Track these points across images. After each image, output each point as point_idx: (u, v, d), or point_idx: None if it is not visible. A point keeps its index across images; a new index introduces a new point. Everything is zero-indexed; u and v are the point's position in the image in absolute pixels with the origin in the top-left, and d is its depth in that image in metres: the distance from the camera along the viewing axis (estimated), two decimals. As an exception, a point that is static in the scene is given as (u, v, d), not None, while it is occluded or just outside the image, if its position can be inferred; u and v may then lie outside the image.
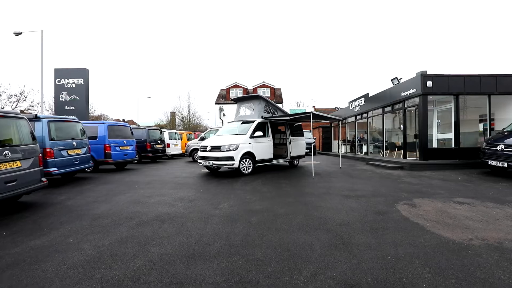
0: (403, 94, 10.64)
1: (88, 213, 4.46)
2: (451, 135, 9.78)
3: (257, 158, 8.46)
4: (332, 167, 10.62)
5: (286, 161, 10.16)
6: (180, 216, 4.21)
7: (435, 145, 10.27)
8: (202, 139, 12.96)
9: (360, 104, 15.15)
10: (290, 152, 10.03)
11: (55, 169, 6.76)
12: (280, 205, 4.73)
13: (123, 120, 70.54)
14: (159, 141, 14.06)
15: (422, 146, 9.69)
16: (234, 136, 8.47)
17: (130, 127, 11.03)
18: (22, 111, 22.62)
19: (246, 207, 4.67)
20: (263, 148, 8.78)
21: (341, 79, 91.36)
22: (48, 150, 6.71)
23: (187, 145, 14.25)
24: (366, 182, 6.91)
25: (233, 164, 7.75)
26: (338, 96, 79.08)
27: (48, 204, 5.08)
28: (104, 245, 3.11)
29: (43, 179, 5.23)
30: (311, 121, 8.04)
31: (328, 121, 21.10)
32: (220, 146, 7.91)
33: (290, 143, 10.06)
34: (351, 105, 16.61)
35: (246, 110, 9.91)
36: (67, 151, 7.28)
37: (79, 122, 8.25)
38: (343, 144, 18.93)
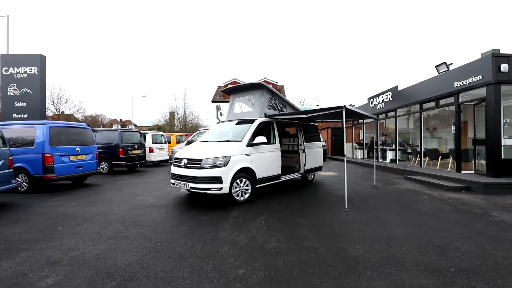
0: (456, 84, 7.84)
1: None
2: (532, 141, 6.98)
3: (258, 176, 5.67)
4: (361, 184, 7.80)
5: (298, 176, 7.37)
6: None
7: (502, 155, 7.45)
8: (189, 143, 10.19)
9: (385, 100, 12.35)
10: (304, 164, 7.25)
11: None
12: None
13: (120, 121, 67.79)
14: (136, 146, 11.34)
15: (493, 156, 6.86)
16: (223, 144, 5.67)
17: (90, 130, 8.31)
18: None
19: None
20: (267, 160, 5.99)
21: (346, 77, 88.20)
22: None
23: (172, 151, 11.52)
24: (443, 225, 4.12)
25: (220, 189, 4.96)
26: (343, 95, 75.98)
27: None
28: None
29: None
30: (344, 119, 5.26)
31: (339, 121, 18.40)
32: (201, 160, 5.08)
33: (304, 151, 7.28)
34: (372, 101, 13.83)
35: (243, 106, 7.07)
36: (-43, 169, 4.61)
37: (-6, 123, 5.57)
38: (359, 148, 16.19)
